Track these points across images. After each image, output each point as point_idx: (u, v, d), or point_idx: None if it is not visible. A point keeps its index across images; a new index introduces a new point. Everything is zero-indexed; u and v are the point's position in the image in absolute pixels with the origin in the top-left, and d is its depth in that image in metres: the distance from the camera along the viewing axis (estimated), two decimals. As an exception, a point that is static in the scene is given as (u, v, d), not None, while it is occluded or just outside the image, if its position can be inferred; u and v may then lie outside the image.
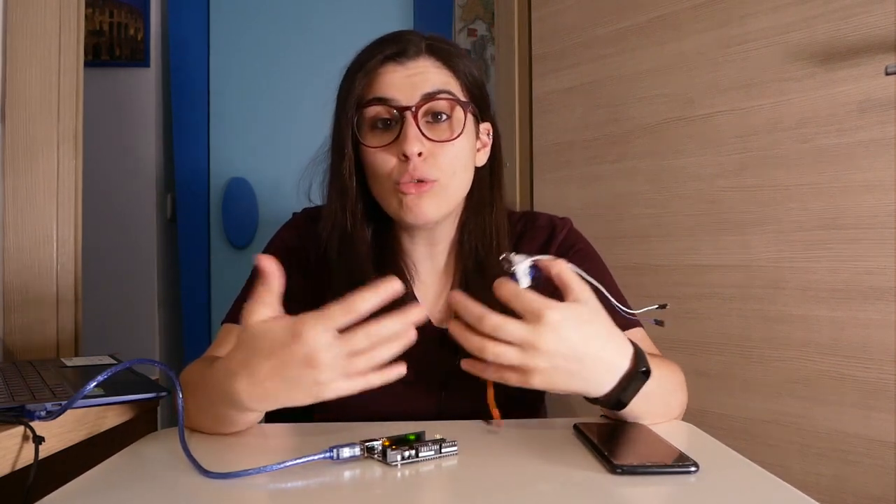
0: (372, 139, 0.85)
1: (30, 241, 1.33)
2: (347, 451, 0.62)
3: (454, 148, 0.85)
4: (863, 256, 1.22)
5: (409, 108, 0.82)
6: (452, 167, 0.85)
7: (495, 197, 0.93)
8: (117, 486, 0.59)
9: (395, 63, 0.84)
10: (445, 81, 0.86)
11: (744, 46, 1.38)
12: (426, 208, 0.84)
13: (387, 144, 0.84)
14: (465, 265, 0.92)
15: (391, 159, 0.84)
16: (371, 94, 0.84)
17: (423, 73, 0.84)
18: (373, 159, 0.85)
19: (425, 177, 0.83)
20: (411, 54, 0.85)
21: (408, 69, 0.84)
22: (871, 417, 1.21)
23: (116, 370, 0.71)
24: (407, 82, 0.83)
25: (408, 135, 0.81)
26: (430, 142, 0.83)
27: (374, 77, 0.85)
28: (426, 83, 0.84)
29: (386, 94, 0.83)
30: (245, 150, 2.14)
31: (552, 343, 0.65)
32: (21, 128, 1.32)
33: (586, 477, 0.59)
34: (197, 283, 2.15)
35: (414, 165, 0.82)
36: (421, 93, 0.83)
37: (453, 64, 0.87)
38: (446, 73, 0.86)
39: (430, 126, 0.85)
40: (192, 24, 2.13)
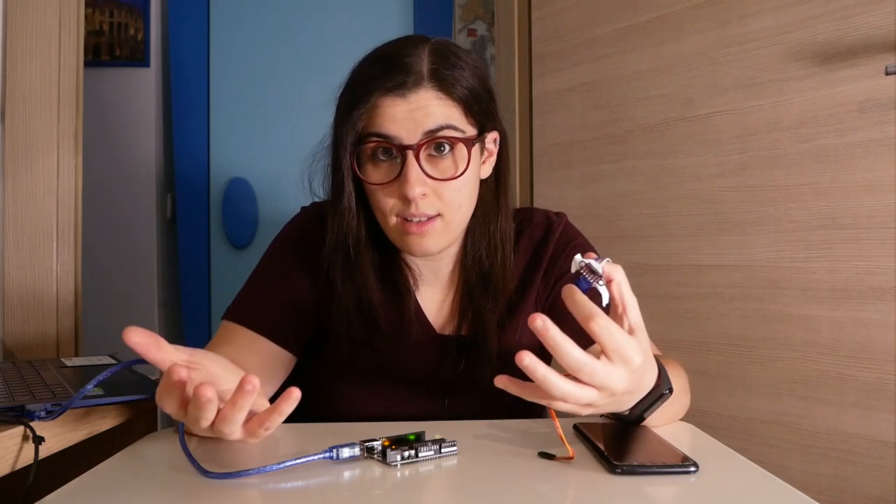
0: (373, 173, 0.82)
1: (30, 241, 1.33)
2: (347, 451, 0.62)
3: (457, 183, 0.82)
4: (863, 256, 1.22)
5: (411, 147, 0.79)
6: (457, 201, 0.83)
7: (501, 204, 0.91)
8: (117, 486, 0.59)
9: (396, 96, 0.79)
10: (448, 115, 0.81)
11: (744, 46, 1.38)
12: (429, 244, 0.83)
13: (387, 183, 0.81)
14: (468, 274, 0.91)
15: (392, 196, 0.81)
16: (371, 128, 0.80)
17: (425, 107, 0.79)
18: (374, 195, 0.83)
19: (428, 214, 0.81)
20: (412, 85, 0.79)
21: (409, 103, 0.79)
22: (871, 417, 1.21)
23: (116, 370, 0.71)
24: (408, 117, 0.79)
25: (409, 178, 0.78)
26: (432, 180, 0.80)
27: (373, 110, 0.80)
28: (428, 119, 0.79)
29: (387, 131, 0.79)
30: (245, 150, 2.14)
31: (629, 385, 0.61)
32: (21, 127, 1.32)
33: (586, 477, 0.59)
34: (197, 283, 2.15)
35: (416, 205, 0.80)
36: (423, 130, 0.79)
37: (456, 92, 0.81)
38: (449, 103, 0.81)
39: (433, 160, 0.81)
40: (192, 24, 2.13)
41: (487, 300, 0.88)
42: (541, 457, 0.62)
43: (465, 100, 0.82)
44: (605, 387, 0.58)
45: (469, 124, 0.83)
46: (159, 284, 2.12)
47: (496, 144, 0.90)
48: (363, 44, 0.89)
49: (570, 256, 0.93)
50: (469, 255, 0.90)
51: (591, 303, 0.59)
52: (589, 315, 0.58)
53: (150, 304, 2.10)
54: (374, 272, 0.88)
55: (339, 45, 2.08)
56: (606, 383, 0.58)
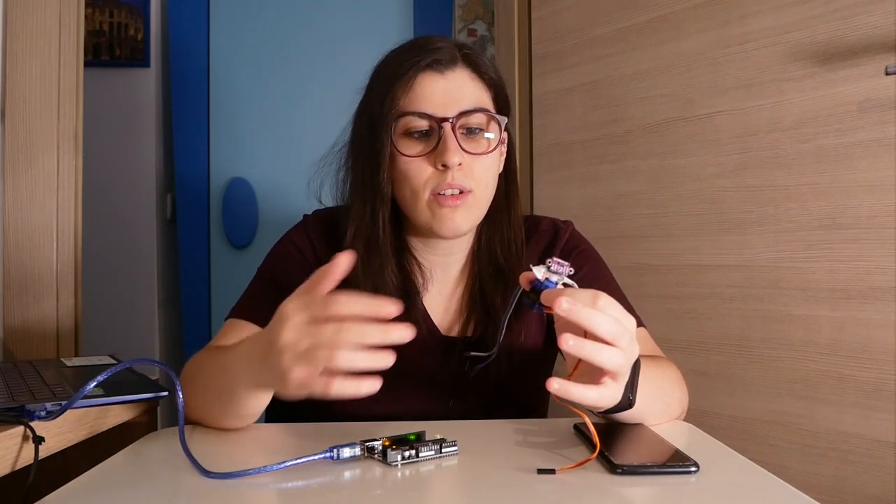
0: (407, 148, 0.85)
1: (30, 241, 1.33)
2: (347, 451, 0.62)
3: (487, 160, 0.86)
4: (863, 256, 1.22)
5: (448, 120, 0.83)
6: (486, 179, 0.86)
7: (511, 200, 0.93)
8: (117, 486, 0.59)
9: (434, 72, 0.84)
10: (480, 97, 0.86)
11: (744, 46, 1.38)
12: (459, 221, 0.85)
13: (425, 154, 0.84)
14: (482, 270, 0.92)
15: (427, 168, 0.84)
16: (410, 105, 0.84)
17: (461, 86, 0.85)
18: (408, 168, 0.85)
19: (463, 186, 0.83)
20: (448, 62, 0.85)
21: (447, 79, 0.84)
22: (871, 417, 1.21)
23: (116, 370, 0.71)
24: (446, 94, 0.84)
25: (448, 146, 0.82)
26: (467, 154, 0.84)
27: (412, 86, 0.84)
28: (464, 98, 0.84)
29: (425, 107, 0.83)
30: (245, 150, 2.14)
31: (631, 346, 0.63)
32: (21, 127, 1.32)
33: (586, 477, 0.59)
34: (197, 283, 2.15)
35: (452, 175, 0.83)
36: (459, 107, 0.84)
37: (487, 76, 0.88)
38: (481, 86, 0.87)
39: (465, 138, 0.85)
40: (192, 24, 2.13)
41: (498, 294, 0.89)
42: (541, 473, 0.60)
43: (493, 86, 0.88)
44: (615, 331, 0.61)
45: (495, 109, 0.88)
46: (159, 284, 2.12)
47: (506, 145, 0.93)
48: (363, 44, 0.90)
49: (576, 262, 0.94)
50: (484, 250, 0.92)
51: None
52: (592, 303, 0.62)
53: (150, 304, 2.10)
54: (394, 259, 0.89)
55: (340, 45, 2.08)
56: (615, 325, 0.61)
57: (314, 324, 0.58)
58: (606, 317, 0.61)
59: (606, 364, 0.62)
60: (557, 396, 0.62)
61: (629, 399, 0.67)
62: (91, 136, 1.52)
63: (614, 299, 0.63)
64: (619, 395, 0.65)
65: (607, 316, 0.61)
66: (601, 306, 0.61)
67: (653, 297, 1.52)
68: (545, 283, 0.65)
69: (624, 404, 0.67)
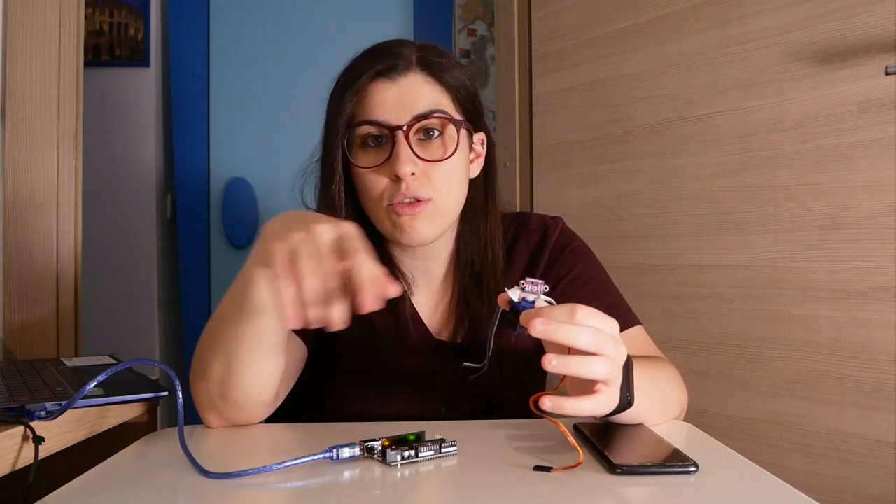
0: (363, 158, 0.83)
1: (30, 241, 1.33)
2: (347, 452, 0.62)
3: (447, 166, 0.83)
4: (863, 256, 1.22)
5: (401, 128, 0.81)
6: (447, 186, 0.84)
7: (489, 206, 0.92)
8: (117, 486, 0.59)
9: (386, 79, 0.82)
10: (437, 99, 0.84)
11: (744, 46, 1.38)
12: (421, 229, 0.83)
13: (378, 165, 0.82)
14: (462, 278, 0.91)
15: (383, 180, 0.82)
16: (362, 114, 0.83)
17: (415, 90, 0.82)
18: (364, 180, 0.84)
19: (419, 196, 0.82)
20: (401, 69, 0.83)
21: (399, 86, 0.82)
22: (871, 417, 1.21)
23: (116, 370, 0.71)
24: (399, 101, 0.82)
25: (399, 155, 0.80)
26: (422, 161, 0.82)
27: (364, 95, 0.83)
28: (417, 102, 0.82)
29: (377, 115, 0.82)
30: (245, 150, 2.14)
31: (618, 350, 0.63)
32: (21, 127, 1.32)
33: (586, 477, 0.59)
34: (197, 283, 2.15)
35: (407, 185, 0.81)
36: (412, 113, 0.82)
37: (445, 78, 0.85)
38: (438, 88, 0.84)
39: (423, 144, 0.83)
40: (192, 24, 2.13)
41: (483, 304, 0.88)
42: (537, 471, 0.60)
43: (454, 88, 0.86)
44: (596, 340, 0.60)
45: (457, 111, 0.86)
46: (159, 284, 2.12)
47: (484, 147, 0.92)
48: (363, 44, 0.89)
49: (567, 261, 0.93)
50: (462, 258, 0.91)
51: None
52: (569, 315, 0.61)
53: (150, 304, 2.10)
54: None
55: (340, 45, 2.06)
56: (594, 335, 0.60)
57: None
58: (584, 329, 0.60)
59: (595, 375, 0.61)
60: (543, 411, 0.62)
61: (627, 399, 0.67)
62: (91, 136, 1.52)
63: (593, 308, 0.63)
64: (616, 399, 0.65)
65: (585, 328, 0.60)
66: (579, 319, 0.61)
67: (653, 297, 1.52)
68: (522, 304, 0.65)
69: (623, 405, 0.67)
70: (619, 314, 0.89)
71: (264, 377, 0.74)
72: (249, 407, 0.76)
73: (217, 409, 0.76)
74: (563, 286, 0.91)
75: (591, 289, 0.91)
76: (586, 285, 0.92)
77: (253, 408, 0.76)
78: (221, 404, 0.75)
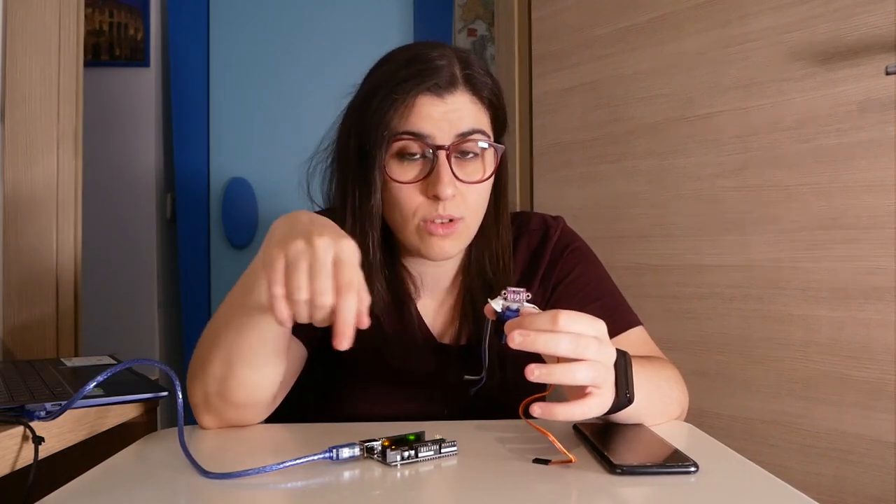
0: (399, 171, 0.82)
1: (30, 241, 1.33)
2: (347, 452, 0.62)
3: (481, 187, 0.84)
4: (863, 256, 1.22)
5: (444, 148, 0.80)
6: (478, 205, 0.84)
7: (500, 215, 0.92)
8: (117, 486, 0.59)
9: (433, 95, 0.80)
10: (479, 120, 0.83)
11: (744, 46, 1.38)
12: (449, 249, 0.83)
13: (416, 181, 0.81)
14: (472, 283, 0.91)
15: (418, 196, 0.81)
16: (405, 126, 0.80)
17: (460, 109, 0.81)
18: (398, 194, 0.82)
19: (453, 216, 0.81)
20: (448, 85, 0.81)
21: (446, 104, 0.81)
22: (871, 417, 1.21)
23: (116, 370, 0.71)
24: (444, 119, 0.80)
25: (442, 177, 0.79)
26: (460, 182, 0.81)
27: (409, 108, 0.80)
28: (461, 121, 0.81)
29: (422, 130, 0.80)
30: (245, 150, 2.14)
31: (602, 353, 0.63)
32: (21, 127, 1.32)
33: (586, 477, 0.59)
34: (197, 283, 2.15)
35: (444, 206, 0.80)
36: (456, 132, 0.80)
37: (485, 96, 0.84)
38: (480, 108, 0.84)
39: (460, 163, 0.82)
40: (192, 24, 2.13)
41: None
42: (536, 463, 0.62)
43: (493, 107, 0.86)
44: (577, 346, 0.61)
45: (492, 130, 0.86)
46: (159, 284, 2.12)
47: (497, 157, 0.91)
48: (363, 44, 0.89)
49: (568, 261, 0.93)
50: (474, 264, 0.91)
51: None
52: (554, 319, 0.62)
53: (150, 304, 2.10)
54: (383, 276, 0.88)
55: (340, 45, 2.08)
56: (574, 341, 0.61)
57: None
58: (563, 336, 0.60)
59: (581, 381, 0.62)
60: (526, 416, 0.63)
61: (627, 396, 0.67)
62: (91, 136, 1.53)
63: (576, 311, 0.63)
64: (608, 401, 0.65)
65: (564, 335, 0.60)
66: (561, 325, 0.61)
67: (653, 297, 1.52)
68: (506, 314, 0.65)
69: (623, 402, 0.67)
70: (619, 315, 0.90)
71: (264, 378, 0.74)
72: (248, 408, 0.76)
73: (214, 409, 0.76)
74: (564, 287, 0.91)
75: (591, 290, 0.91)
76: (587, 286, 0.92)
77: (251, 409, 0.76)
78: (219, 404, 0.75)
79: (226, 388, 0.73)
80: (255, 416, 0.78)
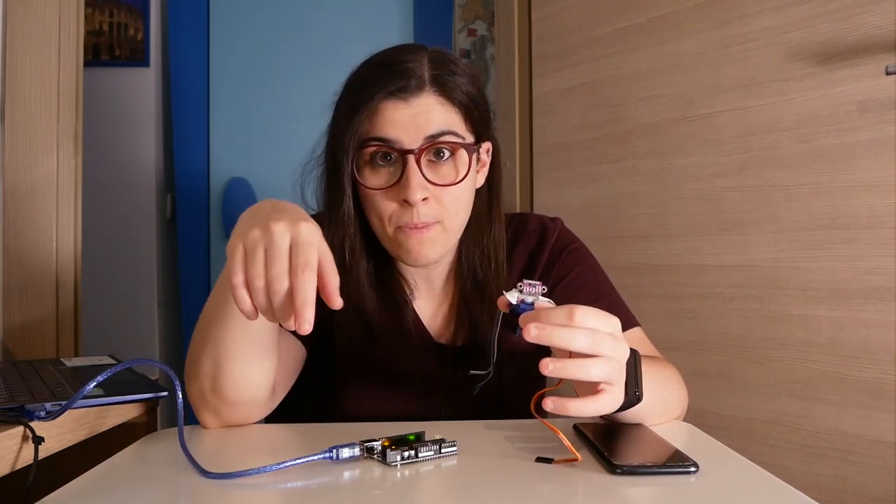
0: (371, 178, 0.82)
1: (30, 241, 1.33)
2: (347, 452, 0.62)
3: (457, 189, 0.82)
4: (863, 256, 1.22)
5: (412, 152, 0.79)
6: (456, 207, 0.83)
7: (494, 214, 0.91)
8: (117, 486, 0.59)
9: (398, 100, 0.80)
10: (449, 121, 0.82)
11: (744, 46, 1.38)
12: (427, 252, 0.82)
13: (388, 187, 0.81)
14: (463, 284, 0.91)
15: (391, 203, 0.81)
16: (372, 132, 0.80)
17: (427, 112, 0.80)
18: (372, 201, 0.82)
19: (427, 220, 0.81)
20: (414, 89, 0.80)
21: (411, 107, 0.80)
22: (871, 417, 1.21)
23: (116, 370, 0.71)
24: (410, 122, 0.79)
25: (410, 182, 0.78)
26: (433, 186, 0.80)
27: (374, 114, 0.80)
28: (429, 124, 0.80)
29: (388, 135, 0.79)
30: (245, 150, 2.14)
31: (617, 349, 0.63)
32: (21, 127, 1.32)
33: (586, 477, 0.59)
34: (197, 283, 2.15)
35: (417, 212, 0.80)
36: (424, 134, 0.80)
37: (456, 96, 0.82)
38: (450, 108, 0.82)
39: (433, 165, 0.81)
40: (192, 24, 2.13)
41: (483, 310, 0.88)
42: (538, 461, 0.62)
43: (465, 106, 0.83)
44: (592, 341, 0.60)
45: (468, 131, 0.84)
46: (159, 284, 2.12)
47: (489, 154, 0.91)
48: (363, 44, 0.89)
49: (566, 263, 0.93)
50: (464, 265, 0.91)
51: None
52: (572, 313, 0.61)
53: (150, 304, 2.10)
54: (369, 281, 0.87)
55: (339, 45, 2.08)
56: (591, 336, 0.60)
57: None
58: (580, 331, 0.60)
59: (594, 377, 0.61)
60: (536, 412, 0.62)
61: (636, 394, 0.67)
62: (91, 136, 1.53)
63: (592, 307, 0.62)
64: (620, 398, 0.64)
65: (581, 330, 0.60)
66: (578, 319, 0.60)
67: (653, 297, 1.52)
68: (520, 307, 0.65)
69: (632, 400, 0.67)
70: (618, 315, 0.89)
71: (255, 374, 0.74)
72: (243, 405, 0.76)
73: (212, 407, 0.76)
74: (562, 288, 0.91)
75: (589, 291, 0.91)
76: (584, 287, 0.92)
77: (247, 406, 0.76)
78: (215, 402, 0.75)
79: (218, 385, 0.73)
80: (252, 414, 0.78)
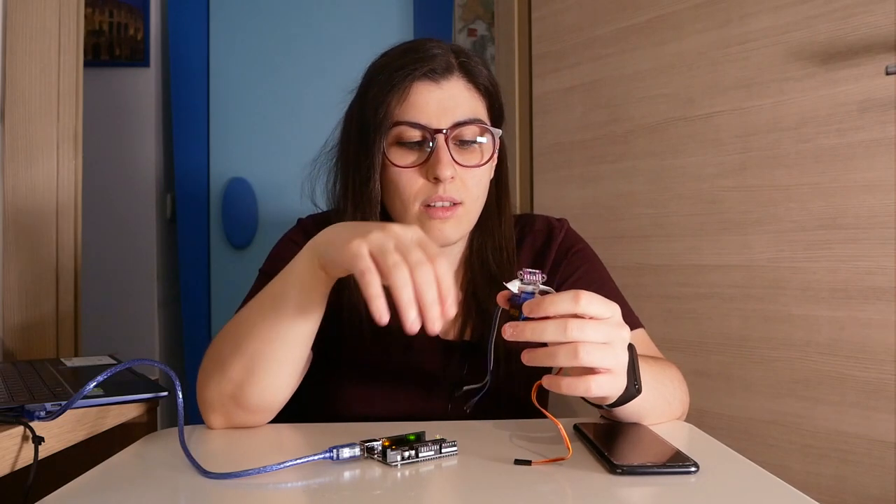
0: (399, 157, 0.84)
1: (29, 241, 1.33)
2: (347, 452, 0.62)
3: (480, 172, 0.86)
4: (863, 256, 1.22)
5: (442, 132, 0.82)
6: (478, 190, 0.86)
7: (503, 207, 0.93)
8: (117, 486, 0.59)
9: (429, 81, 0.83)
10: (475, 108, 0.85)
11: (744, 46, 1.38)
12: (449, 233, 0.84)
13: (417, 165, 0.83)
14: (474, 276, 0.91)
15: (419, 180, 0.83)
16: (402, 114, 0.83)
17: (456, 96, 0.84)
18: (398, 178, 0.84)
19: (454, 199, 0.83)
20: (444, 71, 0.83)
21: (442, 89, 0.83)
22: (871, 417, 1.21)
23: (116, 370, 0.71)
24: (440, 105, 0.83)
25: (441, 159, 0.81)
26: (459, 167, 0.83)
27: (406, 95, 0.83)
28: (458, 108, 0.83)
29: (419, 118, 0.82)
30: (245, 150, 2.14)
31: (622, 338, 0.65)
32: (21, 128, 1.32)
33: (586, 477, 0.59)
34: (197, 283, 2.15)
35: (444, 188, 0.82)
36: (453, 119, 0.83)
37: (482, 82, 0.87)
38: (476, 95, 0.86)
39: (458, 150, 0.84)
40: (192, 24, 2.13)
41: (492, 300, 0.88)
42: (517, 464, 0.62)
43: (489, 95, 0.88)
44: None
45: (489, 119, 0.88)
46: (159, 284, 2.12)
47: (495, 144, 0.91)
48: (363, 43, 0.89)
49: (572, 262, 0.93)
50: (475, 256, 0.92)
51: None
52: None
53: (150, 304, 2.10)
54: None
55: (340, 45, 2.08)
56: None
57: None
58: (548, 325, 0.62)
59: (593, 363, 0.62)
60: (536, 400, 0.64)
61: (635, 386, 0.67)
62: (91, 136, 1.53)
63: (596, 294, 0.64)
64: (620, 384, 0.65)
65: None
66: (583, 306, 0.62)
67: (653, 297, 1.52)
68: (523, 296, 0.65)
69: (632, 392, 0.67)
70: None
71: (283, 387, 0.75)
72: (259, 412, 0.77)
73: (225, 411, 0.76)
74: (567, 287, 0.92)
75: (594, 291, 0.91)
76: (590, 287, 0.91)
77: (262, 413, 0.77)
78: (232, 407, 0.75)
79: (242, 392, 0.74)
80: (263, 420, 0.79)
